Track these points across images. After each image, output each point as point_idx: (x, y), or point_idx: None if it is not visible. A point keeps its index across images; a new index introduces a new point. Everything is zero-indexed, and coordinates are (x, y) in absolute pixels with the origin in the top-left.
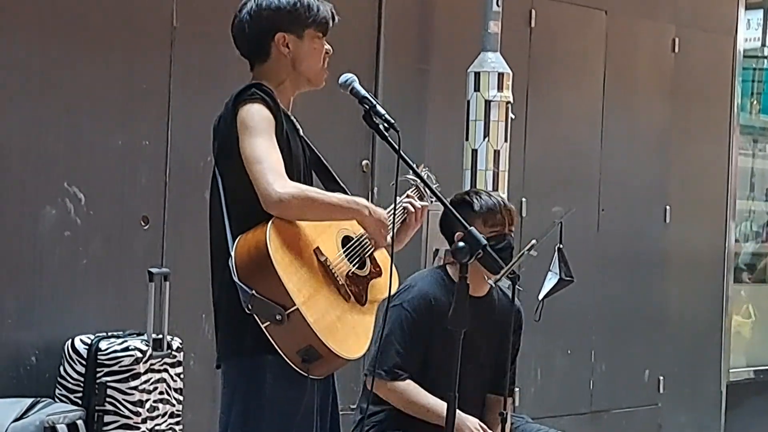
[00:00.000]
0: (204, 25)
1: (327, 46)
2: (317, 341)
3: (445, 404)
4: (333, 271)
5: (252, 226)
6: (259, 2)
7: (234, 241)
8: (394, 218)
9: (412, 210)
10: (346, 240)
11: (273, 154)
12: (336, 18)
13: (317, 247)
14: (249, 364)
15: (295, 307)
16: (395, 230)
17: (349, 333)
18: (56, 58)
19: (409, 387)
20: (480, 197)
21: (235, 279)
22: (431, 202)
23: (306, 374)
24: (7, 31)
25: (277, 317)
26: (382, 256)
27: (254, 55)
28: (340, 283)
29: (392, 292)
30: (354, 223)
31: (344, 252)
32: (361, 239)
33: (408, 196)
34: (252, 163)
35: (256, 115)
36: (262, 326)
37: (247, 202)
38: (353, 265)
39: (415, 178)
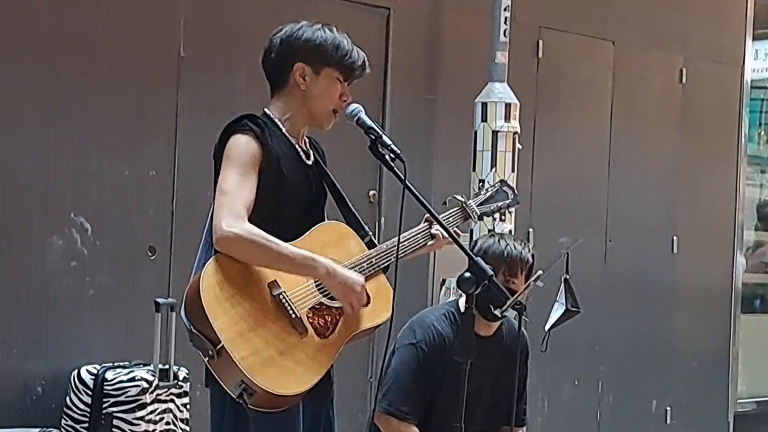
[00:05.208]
0: (211, 56)
1: (345, 92)
2: (246, 377)
3: None
4: (288, 304)
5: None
6: (292, 31)
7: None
8: (397, 249)
9: (440, 240)
10: None
11: (241, 190)
12: (367, 69)
13: (274, 281)
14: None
15: (220, 344)
16: (414, 249)
17: (293, 368)
18: (63, 89)
19: None
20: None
21: (182, 314)
22: (475, 222)
23: (246, 405)
24: (15, 63)
25: (210, 353)
26: (375, 284)
27: (274, 81)
28: (295, 316)
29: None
30: (336, 254)
31: (316, 283)
32: None
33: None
34: (218, 194)
35: (240, 148)
36: (205, 360)
37: None
38: (325, 296)
39: (462, 198)
